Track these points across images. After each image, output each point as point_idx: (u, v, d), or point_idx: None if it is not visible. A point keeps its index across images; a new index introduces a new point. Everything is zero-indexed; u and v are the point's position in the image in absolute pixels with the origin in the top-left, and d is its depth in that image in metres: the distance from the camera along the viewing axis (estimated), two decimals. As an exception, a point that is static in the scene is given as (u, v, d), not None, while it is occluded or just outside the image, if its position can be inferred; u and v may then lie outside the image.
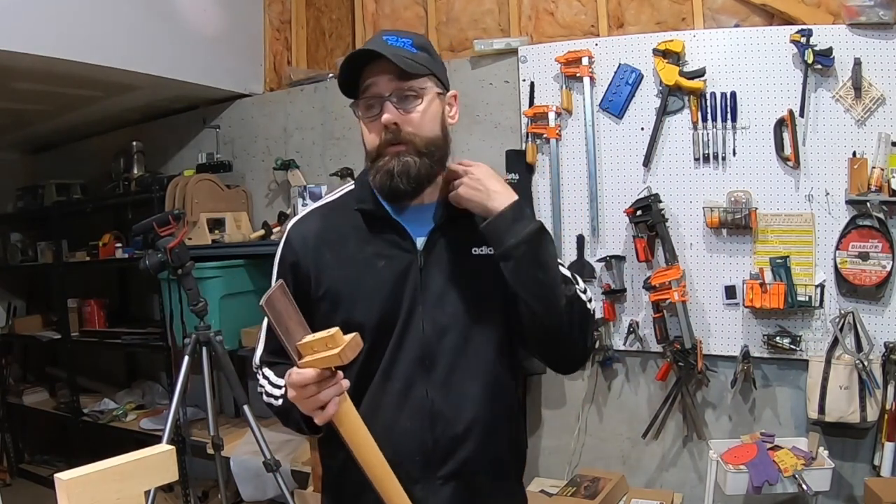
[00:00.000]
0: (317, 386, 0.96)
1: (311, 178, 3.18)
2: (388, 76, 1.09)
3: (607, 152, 2.54)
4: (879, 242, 2.17)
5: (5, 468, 4.17)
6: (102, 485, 0.82)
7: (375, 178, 1.12)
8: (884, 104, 2.17)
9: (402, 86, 1.09)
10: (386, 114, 1.09)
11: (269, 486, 2.69)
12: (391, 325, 1.13)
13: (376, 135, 1.11)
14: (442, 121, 1.16)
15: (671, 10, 2.56)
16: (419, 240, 1.16)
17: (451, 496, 1.13)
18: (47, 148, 4.50)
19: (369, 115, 1.12)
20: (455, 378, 1.14)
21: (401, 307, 1.13)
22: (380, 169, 1.11)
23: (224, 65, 3.27)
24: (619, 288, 2.53)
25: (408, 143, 1.10)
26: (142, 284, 3.76)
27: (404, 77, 1.09)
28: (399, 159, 1.10)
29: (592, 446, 2.68)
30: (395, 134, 1.10)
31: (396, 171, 1.10)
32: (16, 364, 4.46)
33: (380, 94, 1.09)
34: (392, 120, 1.09)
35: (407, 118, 1.10)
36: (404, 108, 1.10)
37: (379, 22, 3.16)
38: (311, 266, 1.16)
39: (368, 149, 1.14)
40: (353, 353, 0.95)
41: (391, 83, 1.09)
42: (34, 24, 2.39)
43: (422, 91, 1.11)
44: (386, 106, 1.09)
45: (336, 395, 0.97)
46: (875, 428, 2.20)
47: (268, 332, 1.23)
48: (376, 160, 1.12)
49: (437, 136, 1.14)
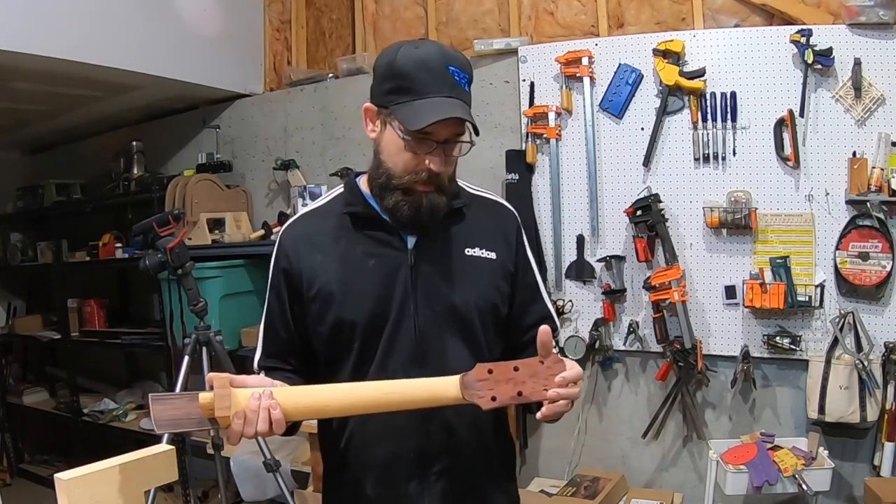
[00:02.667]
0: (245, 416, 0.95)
1: (311, 178, 3.18)
2: (454, 124, 1.09)
3: (607, 152, 2.54)
4: (879, 242, 2.17)
5: (5, 468, 4.17)
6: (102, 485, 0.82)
7: (401, 207, 1.12)
8: (884, 104, 2.18)
9: (458, 134, 1.11)
10: (439, 165, 1.09)
11: (269, 486, 2.69)
12: (382, 323, 1.14)
13: (412, 167, 1.10)
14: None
15: (671, 10, 2.56)
16: (410, 239, 1.17)
17: (445, 492, 1.14)
18: (47, 148, 4.50)
19: (417, 149, 1.09)
20: (447, 375, 1.14)
21: (391, 305, 1.14)
22: (407, 202, 1.11)
23: (224, 65, 3.27)
24: (619, 288, 2.53)
25: (439, 185, 1.12)
26: (142, 284, 3.76)
27: (464, 126, 1.10)
28: (428, 198, 1.12)
29: (592, 446, 2.68)
30: (434, 178, 1.11)
31: (425, 209, 1.12)
32: (16, 364, 4.46)
33: (438, 138, 1.09)
34: (441, 170, 1.10)
35: (448, 161, 1.12)
36: (450, 154, 1.12)
37: (379, 22, 3.16)
38: (303, 268, 1.17)
39: (396, 170, 1.11)
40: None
41: (451, 130, 1.09)
42: (34, 24, 2.39)
43: (464, 145, 1.13)
44: (438, 153, 1.09)
45: (265, 407, 0.96)
46: (875, 428, 2.20)
47: (265, 335, 1.24)
48: (402, 190, 1.12)
49: (454, 174, 1.17)
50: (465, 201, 1.21)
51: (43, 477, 3.89)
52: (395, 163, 1.11)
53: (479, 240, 1.19)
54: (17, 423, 4.27)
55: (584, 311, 2.61)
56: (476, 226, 1.21)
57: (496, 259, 1.20)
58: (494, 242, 1.21)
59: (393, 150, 1.11)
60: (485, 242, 1.20)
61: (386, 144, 1.12)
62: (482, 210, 1.24)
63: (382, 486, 1.15)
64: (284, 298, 1.19)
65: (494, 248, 1.20)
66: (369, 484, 1.16)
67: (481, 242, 1.19)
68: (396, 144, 1.10)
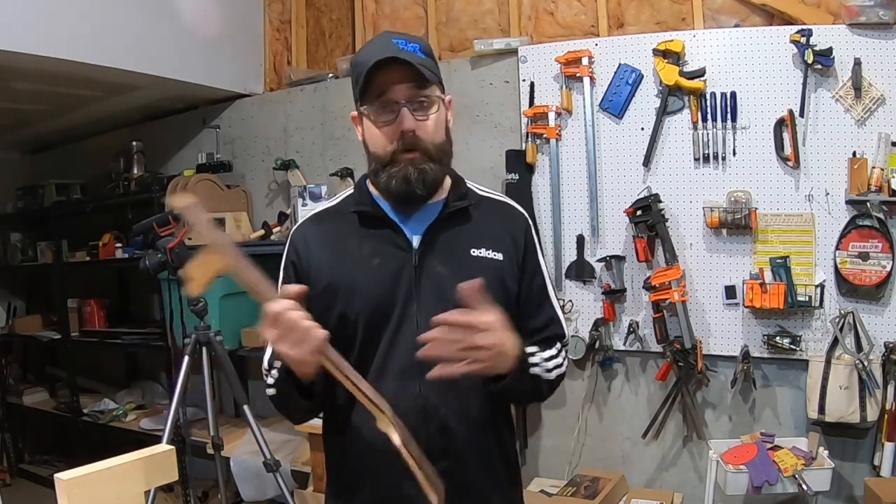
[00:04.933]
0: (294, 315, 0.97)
1: (310, 178, 3.18)
2: (407, 84, 1.10)
3: (607, 152, 2.54)
4: (879, 242, 2.17)
5: (5, 468, 4.17)
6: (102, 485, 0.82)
7: (390, 183, 1.13)
8: (884, 104, 2.18)
9: (419, 93, 1.12)
10: (406, 122, 1.10)
11: (269, 486, 2.69)
12: (385, 322, 1.14)
13: (388, 140, 1.12)
14: (446, 125, 1.18)
15: (671, 10, 2.56)
16: (415, 238, 1.17)
17: (445, 492, 1.13)
18: (47, 148, 4.50)
19: (383, 120, 1.12)
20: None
21: (395, 304, 1.14)
22: (395, 175, 1.13)
23: (224, 65, 3.27)
24: (619, 288, 2.53)
25: (422, 151, 1.12)
26: (142, 284, 3.76)
27: (421, 85, 1.11)
28: (415, 166, 1.12)
29: (592, 446, 2.68)
30: (411, 141, 1.11)
31: (414, 178, 1.12)
32: (16, 364, 4.46)
33: (396, 100, 1.11)
34: (412, 128, 1.10)
35: (422, 125, 1.12)
36: (420, 115, 1.12)
37: (379, 22, 3.16)
38: (311, 265, 1.19)
39: (379, 153, 1.14)
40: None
41: (409, 90, 1.11)
42: (34, 24, 2.39)
43: (434, 99, 1.14)
44: (404, 113, 1.10)
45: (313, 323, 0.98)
46: (875, 428, 2.20)
47: None
48: (388, 166, 1.14)
49: (444, 142, 1.17)
50: (472, 201, 1.22)
51: (43, 477, 3.89)
52: (375, 145, 1.15)
53: (485, 240, 1.19)
54: (17, 423, 4.27)
55: (584, 311, 2.61)
56: (483, 226, 1.21)
57: (502, 260, 1.19)
58: (501, 243, 1.20)
59: (371, 135, 1.15)
60: (491, 243, 1.19)
61: (367, 136, 1.16)
62: (491, 211, 1.25)
63: (382, 486, 1.15)
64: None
65: (501, 249, 1.19)
66: (369, 484, 1.16)
67: (488, 243, 1.19)
68: (370, 127, 1.14)
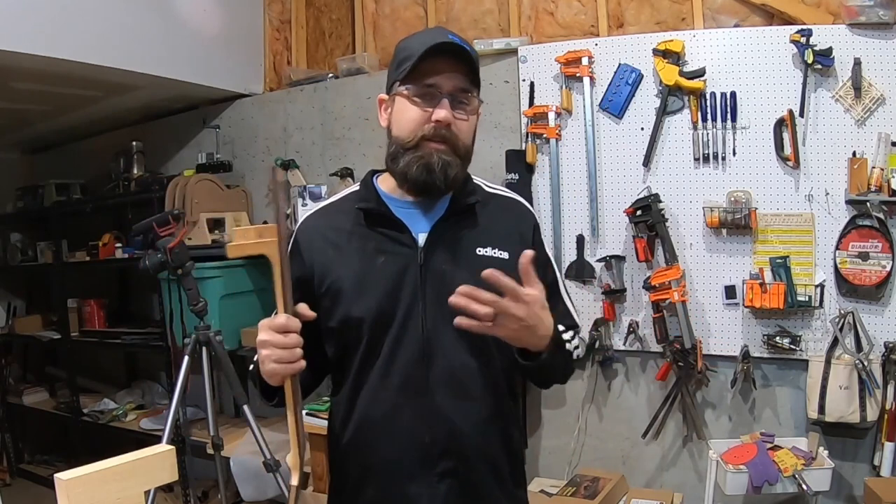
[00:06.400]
0: (294, 339, 1.00)
1: (311, 178, 3.18)
2: (457, 78, 1.11)
3: (607, 152, 2.54)
4: (879, 242, 2.17)
5: (5, 468, 4.16)
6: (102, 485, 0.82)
7: (411, 168, 1.12)
8: (884, 104, 2.17)
9: (464, 92, 1.13)
10: (445, 113, 1.10)
11: (269, 486, 2.69)
12: (389, 321, 1.13)
13: (419, 124, 1.12)
14: (474, 134, 1.19)
15: (671, 10, 2.56)
16: (420, 236, 1.16)
17: (448, 493, 1.13)
18: (47, 148, 4.50)
19: (421, 103, 1.12)
20: (454, 375, 1.14)
21: (399, 303, 1.13)
22: (418, 160, 1.12)
23: (224, 65, 3.27)
24: (618, 288, 2.53)
25: (450, 145, 1.12)
26: (142, 284, 3.76)
27: (468, 85, 1.12)
28: (440, 156, 1.11)
29: (592, 446, 2.68)
30: (443, 133, 1.11)
31: (437, 168, 1.11)
32: (16, 364, 4.46)
33: (441, 90, 1.11)
34: (449, 120, 1.10)
35: (458, 123, 1.12)
36: (459, 113, 1.12)
37: (379, 22, 3.16)
38: (315, 263, 1.18)
39: (405, 136, 1.13)
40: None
41: (456, 83, 1.11)
42: (34, 24, 2.39)
43: (474, 103, 1.15)
44: (444, 104, 1.10)
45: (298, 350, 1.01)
46: (875, 428, 2.20)
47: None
48: (412, 150, 1.13)
49: (470, 147, 1.17)
50: (479, 198, 1.21)
51: (43, 477, 3.89)
52: (402, 127, 1.13)
53: (491, 239, 1.18)
54: (17, 423, 4.27)
55: (584, 311, 2.60)
56: (490, 225, 1.20)
57: (509, 259, 1.17)
58: (508, 242, 1.19)
59: (401, 116, 1.13)
60: (498, 242, 1.18)
61: (395, 115, 1.15)
62: (498, 209, 1.24)
63: (384, 486, 1.15)
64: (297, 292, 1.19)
65: (508, 247, 1.18)
66: (371, 484, 1.16)
67: (494, 242, 1.18)
68: (404, 107, 1.13)
